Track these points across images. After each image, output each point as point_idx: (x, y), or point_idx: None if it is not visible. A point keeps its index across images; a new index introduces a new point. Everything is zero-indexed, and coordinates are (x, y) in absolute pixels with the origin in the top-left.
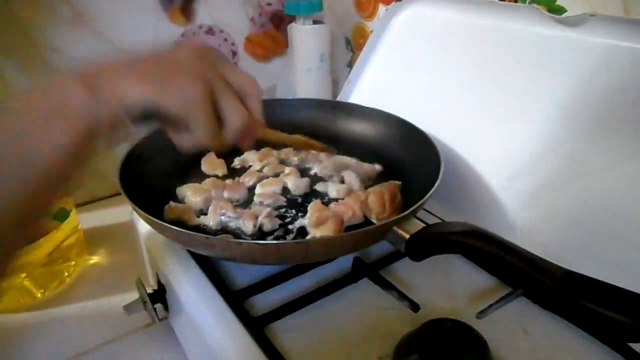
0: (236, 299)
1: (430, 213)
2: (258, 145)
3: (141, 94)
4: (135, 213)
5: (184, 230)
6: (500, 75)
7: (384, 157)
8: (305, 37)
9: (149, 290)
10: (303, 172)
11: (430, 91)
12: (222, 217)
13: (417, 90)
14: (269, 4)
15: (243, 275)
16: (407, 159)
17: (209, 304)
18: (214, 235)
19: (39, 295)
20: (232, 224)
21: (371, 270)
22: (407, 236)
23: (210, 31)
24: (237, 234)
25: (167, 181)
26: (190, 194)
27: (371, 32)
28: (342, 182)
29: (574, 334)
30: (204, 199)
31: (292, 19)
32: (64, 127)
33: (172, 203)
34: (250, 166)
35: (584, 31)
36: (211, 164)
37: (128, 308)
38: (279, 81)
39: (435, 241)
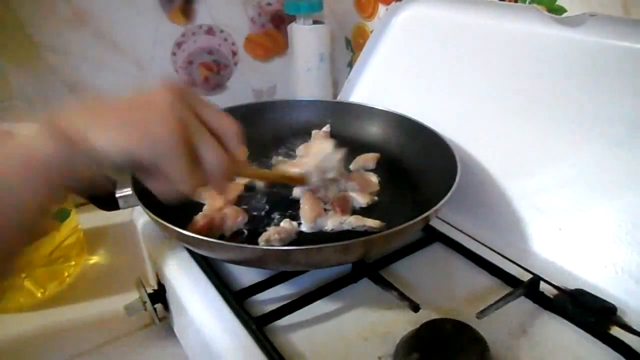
0: (236, 299)
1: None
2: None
3: (115, 146)
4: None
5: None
6: (500, 76)
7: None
8: (305, 37)
9: (149, 290)
10: None
11: (430, 91)
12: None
13: (417, 90)
14: (269, 4)
15: (243, 275)
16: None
17: (209, 304)
18: None
19: (39, 295)
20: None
21: (371, 270)
22: None
23: (210, 31)
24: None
25: None
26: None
27: (371, 32)
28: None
29: (574, 334)
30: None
31: (292, 19)
32: (33, 183)
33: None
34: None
35: (584, 31)
36: None
37: (128, 308)
38: (278, 81)
39: None
